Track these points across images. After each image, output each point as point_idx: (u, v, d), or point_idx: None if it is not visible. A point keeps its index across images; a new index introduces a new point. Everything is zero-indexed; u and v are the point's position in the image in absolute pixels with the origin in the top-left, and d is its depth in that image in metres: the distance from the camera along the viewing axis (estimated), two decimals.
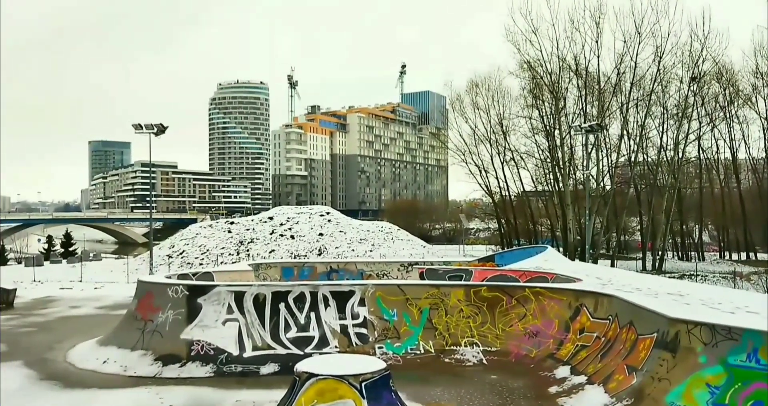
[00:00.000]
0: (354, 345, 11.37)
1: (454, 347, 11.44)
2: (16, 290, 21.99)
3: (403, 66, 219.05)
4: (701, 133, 52.23)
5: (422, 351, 11.39)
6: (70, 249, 64.87)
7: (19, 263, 51.77)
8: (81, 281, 32.31)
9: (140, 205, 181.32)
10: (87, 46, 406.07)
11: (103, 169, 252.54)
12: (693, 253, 58.35)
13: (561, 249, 45.19)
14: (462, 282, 16.85)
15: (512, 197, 60.41)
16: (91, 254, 58.68)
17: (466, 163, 57.66)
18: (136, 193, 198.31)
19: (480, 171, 57.34)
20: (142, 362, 11.05)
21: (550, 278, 14.94)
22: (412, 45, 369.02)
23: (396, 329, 11.61)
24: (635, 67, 46.18)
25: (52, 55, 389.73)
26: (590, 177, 45.75)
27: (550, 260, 20.05)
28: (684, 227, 59.17)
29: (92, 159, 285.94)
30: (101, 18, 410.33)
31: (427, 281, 17.61)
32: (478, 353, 11.29)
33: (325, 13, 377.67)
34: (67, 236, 67.61)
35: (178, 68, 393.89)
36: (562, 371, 9.98)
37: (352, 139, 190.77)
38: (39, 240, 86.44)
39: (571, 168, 48.35)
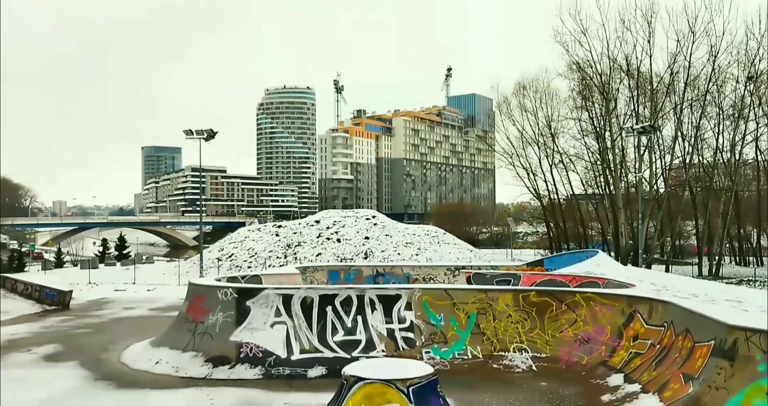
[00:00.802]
0: (401, 349, 11.32)
1: (503, 353, 11.25)
2: (71, 291, 22.79)
3: (449, 69, 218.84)
4: (759, 135, 50.01)
5: (470, 356, 11.24)
6: (124, 252, 66.82)
7: (75, 265, 53.67)
8: (134, 283, 33.24)
9: (190, 209, 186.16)
10: (141, 53, 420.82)
11: (156, 174, 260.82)
12: (751, 258, 55.93)
13: (613, 254, 44.06)
14: (510, 287, 16.56)
15: (561, 200, 59.27)
16: (143, 257, 60.33)
17: (514, 166, 56.89)
18: (186, 197, 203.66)
19: (528, 174, 56.48)
20: (193, 363, 11.26)
21: (602, 283, 14.57)
22: (458, 47, 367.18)
23: (443, 334, 11.50)
24: (689, 66, 44.68)
25: (106, 63, 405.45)
26: (643, 180, 44.43)
27: (601, 264, 19.57)
28: (742, 230, 56.73)
29: (145, 164, 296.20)
30: (155, 25, 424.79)
31: (474, 286, 17.39)
32: (527, 359, 11.07)
33: (370, 16, 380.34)
34: (121, 239, 69.73)
35: (227, 74, 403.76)
36: (615, 379, 9.70)
37: (398, 142, 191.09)
38: (94, 243, 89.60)
39: (623, 171, 47.14)
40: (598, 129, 47.95)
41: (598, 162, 49.28)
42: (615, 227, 46.83)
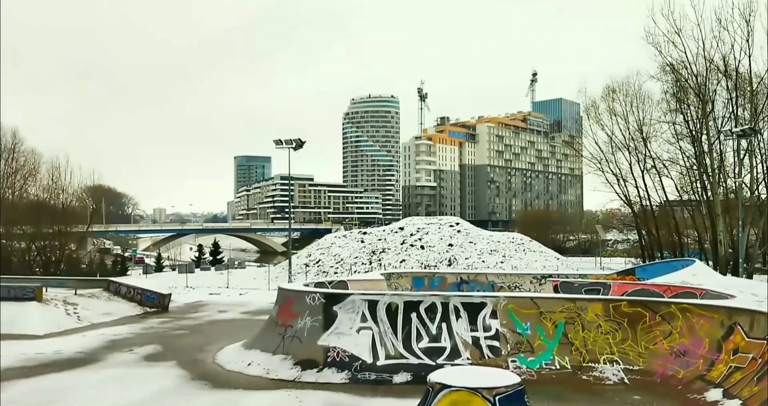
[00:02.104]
0: (486, 357, 11.22)
1: (592, 364, 10.89)
2: (170, 295, 24.23)
3: (534, 74, 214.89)
4: None
5: (558, 367, 10.97)
6: (218, 257, 70.29)
7: (173, 269, 57.04)
8: (227, 288, 34.80)
9: (279, 216, 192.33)
10: (234, 66, 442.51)
11: (247, 183, 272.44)
12: None
13: (710, 263, 41.46)
14: (600, 296, 15.99)
15: (654, 207, 56.41)
16: (236, 262, 63.06)
17: (603, 171, 54.69)
18: (275, 204, 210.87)
19: (618, 180, 54.11)
20: (283, 365, 11.68)
21: (699, 293, 13.80)
22: (543, 52, 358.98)
23: (530, 343, 11.29)
24: None
25: (202, 76, 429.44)
26: (743, 185, 41.56)
27: (698, 274, 18.56)
28: None
29: (237, 173, 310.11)
30: (245, 39, 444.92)
31: (562, 295, 16.94)
32: (619, 371, 10.66)
33: (454, 22, 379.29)
34: (215, 245, 73.41)
35: (314, 84, 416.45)
36: (714, 394, 9.18)
37: (482, 149, 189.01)
38: (190, 249, 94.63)
39: (721, 176, 44.31)
40: (693, 132, 45.41)
41: (694, 167, 46.61)
42: (713, 234, 44.06)
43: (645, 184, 53.13)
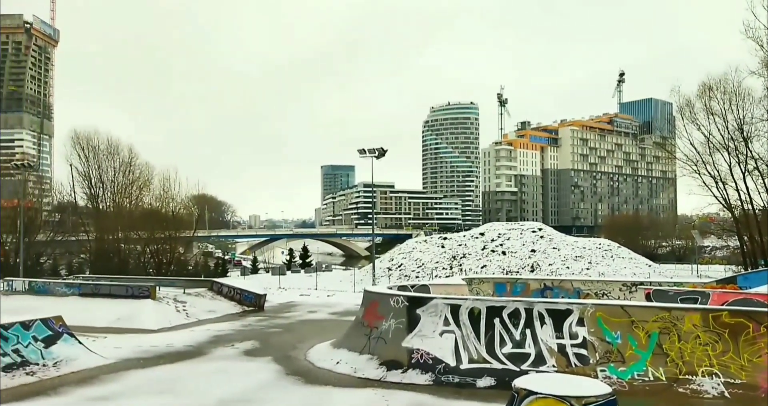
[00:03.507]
0: (573, 366, 10.95)
1: (689, 377, 10.37)
2: (265, 295, 25.48)
3: (621, 74, 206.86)
4: None
5: (651, 378, 10.53)
6: (307, 261, 72.94)
7: (267, 271, 60.30)
8: (316, 289, 36.01)
9: (363, 221, 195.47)
10: (318, 78, 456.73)
11: (332, 191, 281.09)
12: None
13: None
14: (698, 306, 15.19)
15: (757, 211, 52.69)
16: (323, 266, 65.08)
17: (699, 174, 51.68)
18: (359, 211, 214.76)
19: (716, 182, 51.00)
20: (369, 365, 11.94)
21: None
22: (630, 51, 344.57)
23: (620, 353, 10.90)
24: None
25: (293, 89, 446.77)
26: None
27: None
28: None
29: (324, 181, 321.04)
30: (328, 52, 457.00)
31: (655, 303, 16.23)
32: (719, 384, 10.11)
33: (535, 24, 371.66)
34: (305, 249, 76.40)
35: (396, 93, 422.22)
36: None
37: (565, 153, 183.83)
38: (282, 252, 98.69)
39: None
40: None
41: None
42: None
43: (747, 187, 49.72)
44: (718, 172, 50.79)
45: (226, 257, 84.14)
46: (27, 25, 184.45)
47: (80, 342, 13.46)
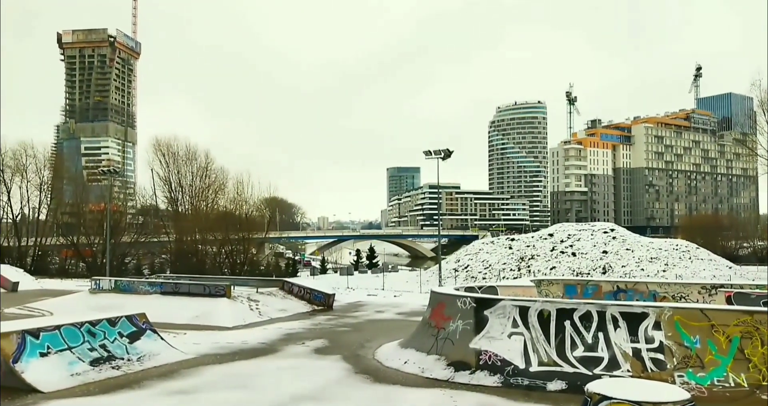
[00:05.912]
0: (649, 371, 10.61)
1: None
2: (334, 295, 25.97)
3: (698, 69, 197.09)
4: None
5: (732, 384, 10.07)
6: (374, 261, 73.94)
7: (335, 272, 61.55)
8: (383, 289, 36.36)
9: (428, 223, 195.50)
10: (385, 86, 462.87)
11: (398, 192, 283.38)
12: None
13: None
14: None
15: None
16: (389, 266, 65.73)
17: None
18: (424, 212, 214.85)
19: None
20: (437, 365, 11.99)
21: None
22: (705, 45, 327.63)
23: (699, 358, 10.48)
24: None
25: (358, 95, 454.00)
26: None
27: None
28: None
29: (389, 183, 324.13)
30: (397, 54, 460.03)
31: (737, 307, 15.45)
32: None
33: (604, 20, 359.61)
34: (371, 250, 77.48)
35: (462, 95, 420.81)
36: None
37: (639, 151, 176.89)
38: (350, 253, 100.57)
39: None
40: None
41: None
42: None
43: None
44: None
45: (297, 258, 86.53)
46: (111, 38, 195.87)
47: (162, 338, 14.17)
